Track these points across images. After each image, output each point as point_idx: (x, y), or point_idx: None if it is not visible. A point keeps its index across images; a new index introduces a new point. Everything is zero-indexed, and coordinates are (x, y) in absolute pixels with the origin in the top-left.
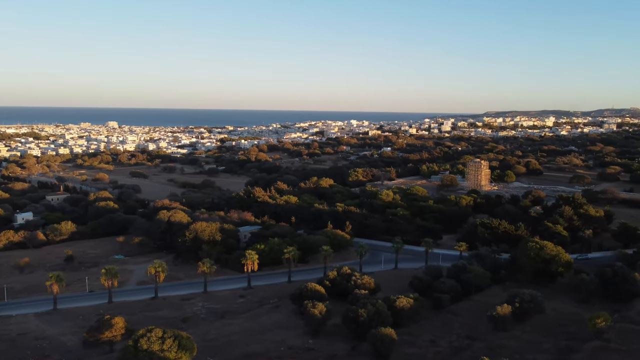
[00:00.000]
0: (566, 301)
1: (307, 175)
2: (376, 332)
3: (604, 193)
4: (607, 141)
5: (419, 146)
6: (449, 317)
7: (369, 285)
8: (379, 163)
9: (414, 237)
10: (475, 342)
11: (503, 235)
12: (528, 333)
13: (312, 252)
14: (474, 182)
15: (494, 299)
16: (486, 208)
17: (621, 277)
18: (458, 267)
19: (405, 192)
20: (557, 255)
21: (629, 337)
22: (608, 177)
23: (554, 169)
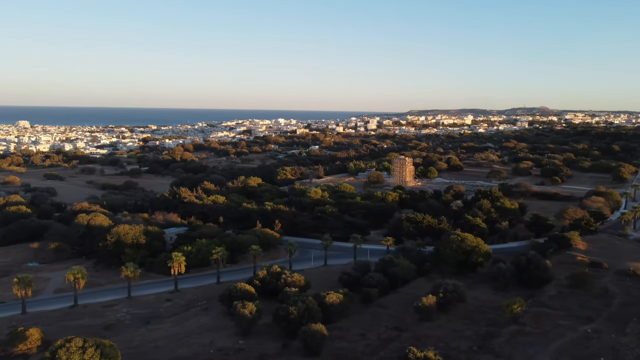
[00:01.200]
0: (486, 289)
1: (235, 175)
2: (307, 329)
3: (518, 187)
4: (520, 138)
5: (346, 144)
6: (377, 310)
7: (299, 283)
8: (307, 161)
9: (343, 233)
10: (403, 333)
11: (427, 228)
12: (452, 321)
13: (241, 252)
14: (399, 178)
15: (419, 290)
16: (411, 203)
17: (534, 265)
18: (385, 262)
19: (334, 190)
20: (477, 246)
21: (541, 320)
22: (521, 172)
23: (473, 164)
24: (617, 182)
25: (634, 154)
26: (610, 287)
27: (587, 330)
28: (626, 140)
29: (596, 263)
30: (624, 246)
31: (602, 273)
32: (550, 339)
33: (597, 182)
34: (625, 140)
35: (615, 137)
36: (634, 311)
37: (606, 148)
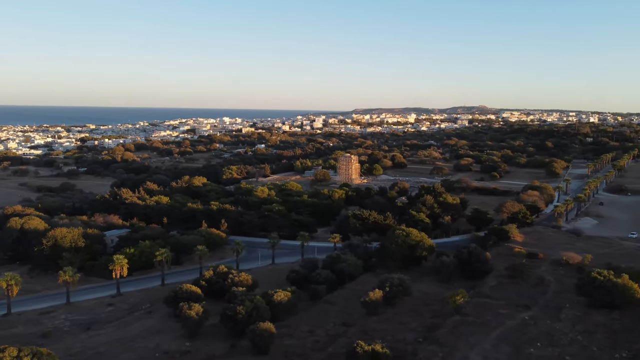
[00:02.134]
0: (430, 282)
1: (179, 175)
2: (255, 328)
3: (459, 182)
4: (460, 136)
5: (292, 143)
6: (325, 306)
7: (246, 282)
8: (253, 160)
9: (290, 231)
10: (351, 328)
11: (373, 225)
12: (398, 314)
13: (186, 252)
14: (345, 176)
15: (366, 285)
16: (357, 200)
17: (475, 257)
18: (332, 258)
19: (280, 188)
20: (421, 241)
21: (482, 309)
22: (462, 168)
23: (417, 161)
24: (550, 176)
25: (565, 150)
26: (546, 276)
27: (525, 317)
28: (558, 137)
29: (532, 254)
30: (557, 237)
31: (538, 263)
32: (491, 327)
33: (533, 177)
34: (557, 137)
35: (548, 134)
36: (567, 298)
37: (540, 145)
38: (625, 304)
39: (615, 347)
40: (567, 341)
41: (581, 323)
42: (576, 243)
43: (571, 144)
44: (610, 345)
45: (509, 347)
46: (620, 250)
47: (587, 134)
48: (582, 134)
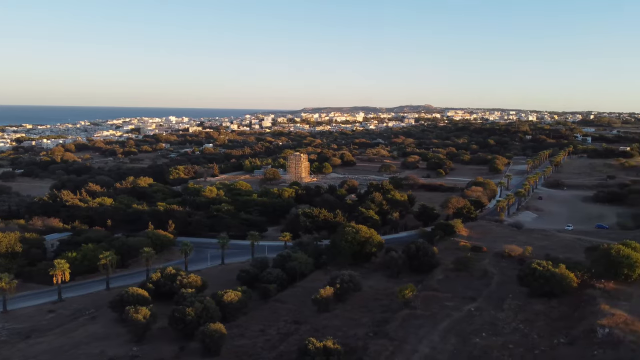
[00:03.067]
0: (380, 277)
1: (124, 175)
2: (205, 329)
3: (407, 179)
4: (407, 134)
5: (241, 142)
6: (276, 305)
7: (195, 284)
8: (201, 160)
9: (240, 231)
10: (302, 325)
11: (323, 222)
12: (349, 310)
13: (132, 255)
14: (295, 174)
15: (317, 283)
16: (307, 198)
17: (423, 252)
18: (283, 257)
19: (229, 188)
20: (370, 237)
21: (430, 302)
22: (409, 166)
23: (365, 159)
24: (493, 173)
25: (506, 147)
26: (489, 268)
27: (471, 309)
28: (499, 135)
29: (477, 247)
30: (500, 231)
31: (482, 256)
32: (438, 320)
33: (476, 173)
34: (498, 135)
35: (491, 132)
36: (509, 289)
37: (483, 142)
38: (562, 293)
39: (554, 334)
40: (510, 330)
41: (523, 312)
42: (517, 236)
43: (512, 141)
44: (549, 332)
45: (456, 338)
46: (558, 242)
47: (527, 132)
48: (522, 131)
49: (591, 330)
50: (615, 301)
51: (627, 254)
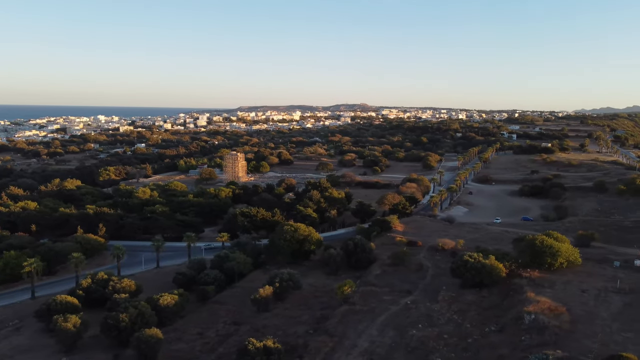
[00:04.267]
0: (319, 275)
1: (49, 178)
2: (140, 335)
3: (344, 177)
4: (344, 132)
5: (175, 141)
6: (215, 307)
7: (129, 288)
8: (133, 160)
9: (176, 233)
10: (242, 326)
11: (261, 222)
12: (289, 309)
13: (60, 261)
14: (231, 174)
15: (256, 282)
16: (245, 198)
17: (361, 248)
18: (221, 257)
19: (164, 188)
20: (309, 235)
21: (368, 297)
22: (346, 163)
23: (303, 158)
24: (426, 169)
25: (438, 144)
26: (424, 262)
27: (407, 302)
28: (432, 133)
29: (412, 242)
30: (433, 225)
31: (417, 250)
32: (376, 314)
33: (411, 170)
34: (431, 133)
35: (423, 130)
36: (443, 281)
37: (416, 140)
38: (492, 283)
39: (485, 322)
40: (444, 321)
41: (456, 303)
42: (450, 230)
43: (443, 138)
44: (481, 321)
45: (394, 331)
46: (487, 235)
47: (457, 130)
48: (453, 129)
49: (519, 317)
50: (540, 289)
51: (550, 244)
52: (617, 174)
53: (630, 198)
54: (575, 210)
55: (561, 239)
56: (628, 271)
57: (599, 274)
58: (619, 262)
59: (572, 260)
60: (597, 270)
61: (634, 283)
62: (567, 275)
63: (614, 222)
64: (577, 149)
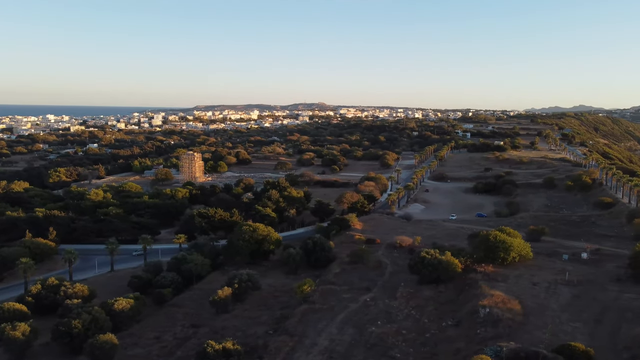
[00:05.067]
0: (279, 275)
1: None
2: (94, 341)
3: (303, 176)
4: (302, 131)
5: (129, 141)
6: (172, 310)
7: (82, 294)
8: (85, 161)
9: (131, 235)
10: (200, 328)
11: (219, 222)
12: (248, 310)
13: (7, 267)
14: (188, 174)
15: (215, 284)
16: (202, 198)
17: (320, 247)
18: (178, 259)
19: (118, 190)
20: (268, 235)
21: (328, 296)
22: (305, 163)
23: (261, 157)
24: (384, 168)
25: (395, 143)
26: (383, 259)
27: (367, 299)
28: (389, 132)
29: (371, 240)
30: (391, 223)
31: (376, 248)
32: (336, 312)
33: (369, 168)
34: (388, 132)
35: (381, 129)
36: (401, 277)
37: (374, 138)
38: (449, 278)
39: (442, 317)
40: (403, 317)
41: (414, 299)
42: (407, 227)
43: (400, 137)
44: (438, 315)
45: (353, 329)
46: (443, 231)
47: (413, 129)
48: (409, 128)
49: (474, 311)
50: (494, 283)
51: (503, 239)
52: (565, 171)
53: (577, 194)
54: (527, 206)
55: (513, 234)
56: (576, 264)
57: (549, 267)
58: (568, 255)
59: (523, 254)
60: (547, 263)
61: (581, 275)
62: (520, 269)
63: (562, 216)
64: (528, 147)
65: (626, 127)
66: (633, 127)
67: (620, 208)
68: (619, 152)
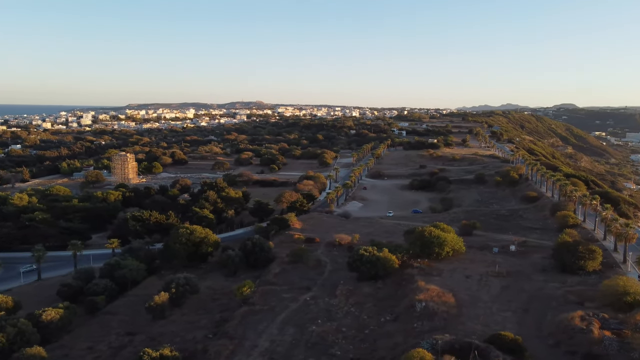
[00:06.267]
0: (218, 277)
1: None
2: (20, 356)
3: (241, 176)
4: (240, 130)
5: (56, 142)
6: (106, 318)
7: (5, 305)
8: (7, 163)
9: (59, 241)
10: (136, 336)
11: (155, 225)
12: (186, 314)
13: None
14: (121, 176)
15: (151, 289)
16: (136, 201)
17: (259, 248)
18: (111, 265)
19: (44, 193)
20: (206, 237)
21: (268, 296)
22: (243, 162)
23: (198, 157)
24: (322, 166)
25: (334, 141)
26: (322, 257)
27: (307, 298)
28: (327, 130)
29: (310, 239)
30: (330, 221)
31: (315, 246)
32: (276, 313)
33: (307, 167)
34: (326, 130)
35: (319, 127)
36: (341, 275)
37: (312, 137)
38: (387, 274)
39: (381, 313)
40: (343, 314)
41: (353, 296)
42: (346, 225)
43: (338, 136)
44: (377, 311)
45: (294, 328)
46: (381, 228)
47: (351, 127)
48: (347, 126)
49: (411, 305)
50: (430, 277)
51: (437, 235)
52: (494, 167)
53: (506, 188)
54: (460, 202)
55: (447, 229)
56: (505, 256)
57: (481, 260)
58: (498, 248)
59: (457, 248)
60: (479, 256)
61: (510, 267)
62: (454, 263)
63: (492, 211)
64: (460, 144)
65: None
66: (555, 124)
67: (544, 202)
68: (542, 149)
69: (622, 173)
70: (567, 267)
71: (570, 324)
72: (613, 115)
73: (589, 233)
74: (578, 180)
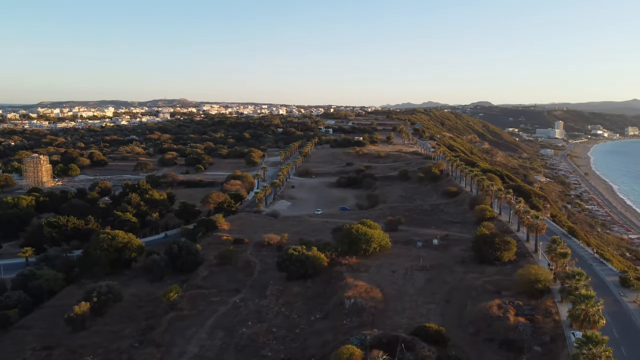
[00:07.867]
0: (142, 283)
1: None
2: None
3: (165, 177)
4: (163, 129)
5: None
6: (20, 333)
7: None
8: None
9: None
10: (55, 350)
11: (73, 231)
12: (109, 324)
13: None
14: (34, 179)
15: (70, 299)
16: (52, 206)
17: (186, 251)
18: (25, 276)
19: None
20: (129, 242)
21: (196, 300)
22: (167, 162)
23: (119, 158)
24: (250, 165)
25: (261, 140)
26: (251, 258)
27: (236, 300)
28: (254, 129)
29: (239, 239)
30: (259, 221)
31: (244, 247)
32: (205, 317)
33: (234, 167)
34: (253, 129)
35: (246, 126)
36: (270, 276)
37: (239, 136)
38: (316, 273)
39: (311, 311)
40: (273, 315)
41: (283, 296)
42: (275, 224)
43: (265, 134)
44: (307, 310)
45: (223, 332)
46: (309, 226)
47: (278, 125)
48: (274, 125)
49: (340, 302)
50: (357, 273)
51: (364, 232)
52: (417, 163)
53: (428, 184)
54: (385, 198)
55: (374, 226)
56: (428, 250)
57: (406, 254)
58: (421, 242)
59: (383, 244)
60: (404, 251)
61: (433, 260)
62: (380, 259)
63: (416, 206)
64: (385, 142)
65: (467, 121)
66: (472, 121)
67: (464, 196)
68: (462, 145)
69: (533, 167)
70: (485, 258)
71: (489, 312)
72: (525, 112)
73: (504, 225)
74: (494, 175)
